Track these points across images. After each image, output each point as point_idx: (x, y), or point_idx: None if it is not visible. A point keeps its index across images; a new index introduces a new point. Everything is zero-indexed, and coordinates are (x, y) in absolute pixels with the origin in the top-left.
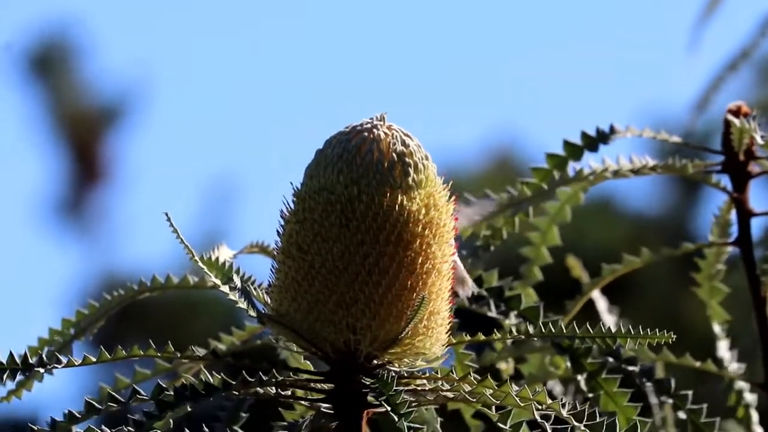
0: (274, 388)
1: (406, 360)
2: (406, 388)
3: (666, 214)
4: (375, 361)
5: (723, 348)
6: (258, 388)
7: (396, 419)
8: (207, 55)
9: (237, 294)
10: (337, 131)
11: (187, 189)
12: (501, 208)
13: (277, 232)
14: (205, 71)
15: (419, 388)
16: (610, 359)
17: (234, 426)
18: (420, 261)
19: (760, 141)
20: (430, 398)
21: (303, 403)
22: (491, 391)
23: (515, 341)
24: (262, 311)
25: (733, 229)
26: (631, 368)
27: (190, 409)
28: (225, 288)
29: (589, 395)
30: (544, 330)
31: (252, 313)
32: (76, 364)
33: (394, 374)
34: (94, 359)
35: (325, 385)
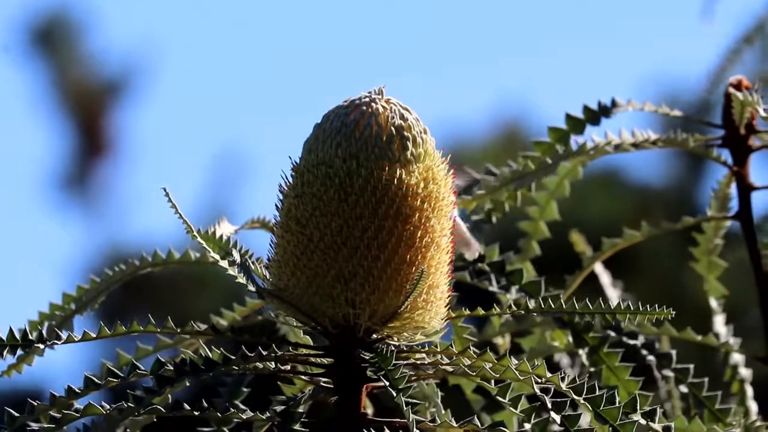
0: (273, 363)
1: (405, 334)
2: (405, 363)
3: (673, 187)
4: (374, 335)
5: (719, 322)
6: (258, 363)
7: (394, 394)
8: (211, 29)
9: (236, 269)
10: (336, 105)
11: (193, 162)
12: (505, 182)
13: (276, 206)
14: (210, 44)
15: (418, 362)
16: (612, 333)
17: (235, 401)
18: (419, 234)
19: (763, 113)
20: (430, 372)
21: (303, 377)
22: (490, 365)
23: (516, 315)
24: (262, 286)
25: (734, 203)
26: (633, 342)
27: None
28: (224, 263)
29: (591, 369)
30: (544, 305)
31: (251, 287)
32: (76, 340)
33: (393, 348)
34: (93, 335)
35: (324, 360)
